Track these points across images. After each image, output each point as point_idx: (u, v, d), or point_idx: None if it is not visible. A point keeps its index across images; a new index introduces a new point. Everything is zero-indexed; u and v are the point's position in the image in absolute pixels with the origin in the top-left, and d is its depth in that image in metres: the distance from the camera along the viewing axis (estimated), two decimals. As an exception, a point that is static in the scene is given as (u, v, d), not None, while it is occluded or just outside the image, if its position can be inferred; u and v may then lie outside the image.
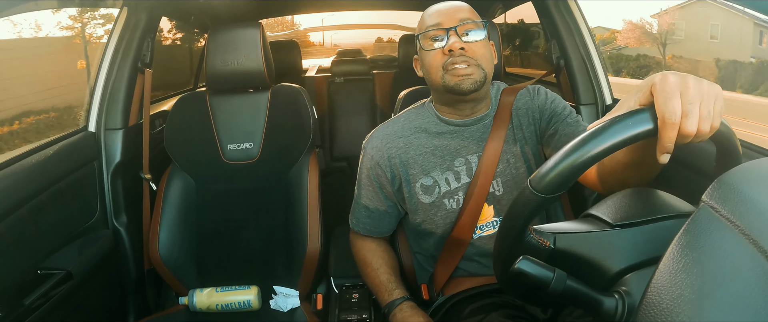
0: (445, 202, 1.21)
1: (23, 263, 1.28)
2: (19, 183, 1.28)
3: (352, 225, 1.38)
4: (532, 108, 1.22)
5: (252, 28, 1.60)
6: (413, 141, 1.23)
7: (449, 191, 1.21)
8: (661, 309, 0.47)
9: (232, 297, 1.53)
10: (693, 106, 0.58)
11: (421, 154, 1.21)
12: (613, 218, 0.67)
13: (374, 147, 1.26)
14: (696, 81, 0.60)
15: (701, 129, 0.59)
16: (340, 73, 3.25)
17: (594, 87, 1.75)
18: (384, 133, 1.27)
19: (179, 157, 1.65)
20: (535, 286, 0.64)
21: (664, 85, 0.59)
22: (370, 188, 1.30)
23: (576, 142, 0.59)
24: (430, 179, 1.21)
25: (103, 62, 1.68)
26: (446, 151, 1.21)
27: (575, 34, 1.76)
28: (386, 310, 1.23)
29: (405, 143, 1.23)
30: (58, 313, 1.33)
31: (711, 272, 0.46)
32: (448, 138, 1.21)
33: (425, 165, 1.21)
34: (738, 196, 0.49)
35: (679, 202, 0.69)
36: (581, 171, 0.59)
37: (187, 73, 2.90)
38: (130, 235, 1.69)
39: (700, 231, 0.49)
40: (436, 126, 1.23)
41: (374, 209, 1.31)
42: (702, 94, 0.59)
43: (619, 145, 0.58)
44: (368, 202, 1.31)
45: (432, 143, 1.22)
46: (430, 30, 1.12)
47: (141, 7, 1.69)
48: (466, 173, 1.21)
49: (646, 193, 0.71)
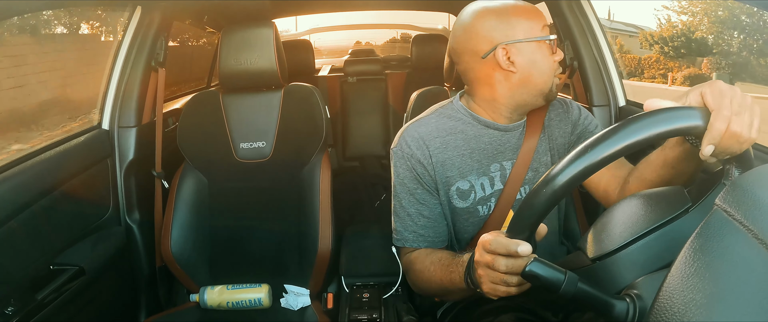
0: (478, 208, 1.18)
1: (37, 258, 1.29)
2: (34, 179, 1.30)
3: (402, 244, 1.19)
4: (565, 121, 1.21)
5: (265, 27, 1.61)
6: (450, 142, 1.17)
7: (484, 197, 1.18)
8: (672, 313, 0.47)
9: (243, 295, 1.53)
10: (742, 108, 0.64)
11: (458, 156, 1.17)
12: (591, 252, 0.69)
13: (410, 146, 1.17)
14: (742, 93, 0.66)
15: (746, 134, 0.64)
16: (353, 72, 3.26)
17: (607, 89, 1.73)
18: (418, 134, 1.19)
19: (192, 156, 1.66)
20: (546, 288, 0.64)
21: (715, 87, 0.65)
22: (418, 191, 1.17)
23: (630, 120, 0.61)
24: (466, 183, 1.17)
25: (116, 61, 1.69)
26: (483, 156, 1.17)
27: (588, 34, 1.74)
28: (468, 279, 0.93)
29: (442, 143, 1.17)
30: (71, 308, 1.34)
31: (723, 276, 0.45)
32: (486, 141, 1.17)
33: (462, 168, 1.17)
34: (751, 200, 0.49)
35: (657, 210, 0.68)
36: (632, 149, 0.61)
37: (201, 72, 2.92)
38: (143, 232, 1.70)
39: (713, 235, 0.49)
40: (473, 128, 1.18)
41: (429, 213, 1.17)
42: (747, 104, 0.66)
43: (668, 133, 0.62)
44: (420, 207, 1.17)
45: (469, 146, 1.17)
46: (551, 38, 1.10)
47: (155, 7, 1.70)
48: (499, 180, 1.18)
49: (625, 210, 0.71)
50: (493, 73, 1.11)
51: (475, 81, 1.15)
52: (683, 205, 0.65)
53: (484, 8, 1.11)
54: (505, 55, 1.07)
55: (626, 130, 0.60)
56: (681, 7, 3.80)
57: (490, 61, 1.09)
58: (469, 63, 1.13)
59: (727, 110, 0.63)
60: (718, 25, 3.49)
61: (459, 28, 1.14)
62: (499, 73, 1.10)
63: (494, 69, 1.10)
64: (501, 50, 1.07)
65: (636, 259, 0.64)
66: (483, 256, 0.78)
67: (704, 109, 0.64)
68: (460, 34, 1.13)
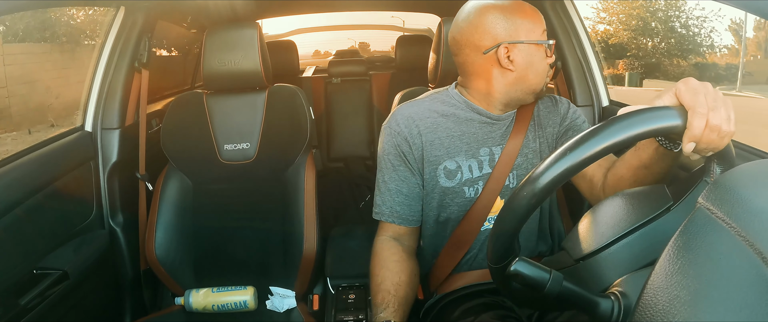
0: (464, 189, 1.21)
1: (19, 263, 1.28)
2: (15, 183, 1.28)
3: (379, 216, 1.26)
4: (554, 113, 1.25)
5: (249, 28, 1.60)
6: (440, 123, 1.21)
7: (471, 179, 1.21)
8: (657, 310, 0.47)
9: (229, 298, 1.53)
10: (718, 103, 0.66)
11: (447, 137, 1.20)
12: (574, 252, 0.71)
13: (399, 123, 1.22)
14: (714, 89, 0.68)
15: (725, 128, 0.66)
16: (337, 73, 3.25)
17: (591, 89, 1.75)
18: (409, 112, 1.23)
19: (175, 157, 1.65)
20: (531, 287, 0.64)
21: (689, 86, 0.67)
22: (400, 168, 1.22)
23: (611, 121, 0.62)
24: (453, 163, 1.20)
25: (99, 62, 1.67)
26: (473, 139, 1.21)
27: (572, 35, 1.77)
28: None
29: (432, 123, 1.21)
30: (54, 313, 1.33)
31: (707, 273, 0.46)
32: (476, 126, 1.21)
33: (451, 148, 1.20)
34: (734, 198, 0.49)
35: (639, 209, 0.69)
36: (608, 152, 0.62)
37: (184, 73, 2.90)
38: (127, 235, 1.68)
39: (696, 233, 0.49)
40: (466, 113, 1.22)
41: (408, 191, 1.23)
42: (721, 98, 0.68)
43: (648, 134, 0.63)
44: (400, 184, 1.23)
45: (459, 129, 1.21)
46: (551, 43, 1.17)
47: (138, 7, 1.69)
48: (488, 164, 1.21)
49: (607, 210, 0.73)
50: (491, 68, 1.16)
51: (472, 74, 1.19)
52: (665, 203, 0.66)
53: (491, 4, 1.14)
54: (505, 54, 1.12)
55: (607, 132, 0.61)
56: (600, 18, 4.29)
57: (491, 57, 1.14)
58: (469, 56, 1.17)
59: (703, 107, 0.65)
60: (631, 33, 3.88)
61: (463, 21, 1.17)
62: (497, 70, 1.15)
63: (493, 65, 1.15)
64: (503, 49, 1.12)
65: (619, 258, 0.65)
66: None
67: (681, 108, 0.65)
68: (465, 27, 1.16)
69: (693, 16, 3.54)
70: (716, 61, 3.64)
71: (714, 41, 3.42)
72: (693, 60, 3.76)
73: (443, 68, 1.47)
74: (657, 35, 3.76)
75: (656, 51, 3.80)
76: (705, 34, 3.50)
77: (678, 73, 3.63)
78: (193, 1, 2.04)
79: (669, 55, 3.70)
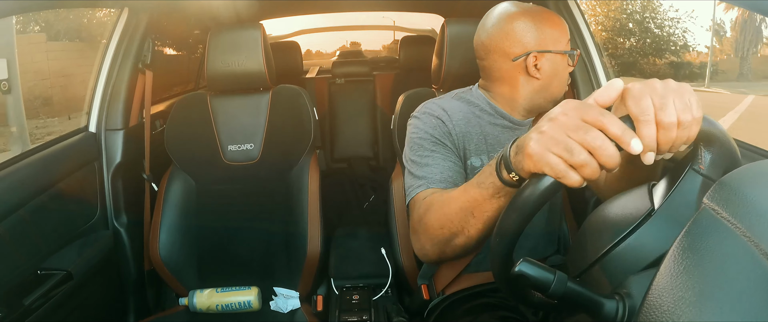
0: None
1: (23, 264, 1.28)
2: (20, 183, 1.28)
3: (425, 186, 1.06)
4: None
5: (253, 29, 1.60)
6: (471, 119, 1.20)
7: None
8: (662, 311, 0.47)
9: (233, 298, 1.53)
10: (665, 99, 0.60)
11: (476, 134, 1.19)
12: (572, 269, 0.71)
13: (434, 110, 1.17)
14: (662, 81, 0.63)
15: (682, 118, 0.61)
16: (341, 74, 3.25)
17: (595, 89, 1.74)
18: (440, 103, 1.20)
19: (180, 158, 1.65)
20: (536, 288, 0.64)
21: (631, 91, 0.62)
22: (439, 148, 1.13)
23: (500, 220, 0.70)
24: (479, 161, 1.19)
25: (103, 63, 1.68)
26: (496, 141, 1.21)
27: (576, 35, 1.76)
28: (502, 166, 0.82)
29: (463, 117, 1.19)
30: (58, 313, 1.33)
31: (712, 274, 0.45)
32: (500, 130, 1.21)
33: (478, 146, 1.19)
34: (739, 198, 0.48)
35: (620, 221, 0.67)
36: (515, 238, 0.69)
37: (188, 74, 2.90)
38: (131, 235, 1.69)
39: (701, 233, 0.49)
40: (490, 116, 1.22)
41: (453, 162, 1.12)
42: (671, 90, 0.62)
43: (536, 209, 0.66)
44: (443, 159, 1.11)
45: (485, 129, 1.21)
46: (576, 53, 1.19)
47: (141, 8, 1.69)
48: None
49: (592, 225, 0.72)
50: (518, 75, 1.17)
51: (498, 79, 1.20)
52: (643, 211, 0.64)
53: (521, 11, 1.15)
54: (534, 62, 1.13)
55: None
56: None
57: (519, 64, 1.15)
58: (496, 61, 1.17)
59: (648, 113, 0.60)
60: (608, 33, 3.99)
61: (493, 27, 1.17)
62: (523, 77, 1.16)
63: (520, 72, 1.16)
64: (532, 57, 1.13)
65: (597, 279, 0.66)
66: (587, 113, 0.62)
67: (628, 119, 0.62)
68: (494, 33, 1.16)
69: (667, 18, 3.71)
70: (691, 60, 3.83)
71: (687, 41, 3.61)
72: (668, 58, 3.97)
73: (447, 70, 1.46)
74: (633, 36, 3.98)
75: (632, 50, 4.04)
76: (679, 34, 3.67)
77: (653, 71, 3.84)
78: (196, 2, 2.04)
79: (644, 54, 3.94)
